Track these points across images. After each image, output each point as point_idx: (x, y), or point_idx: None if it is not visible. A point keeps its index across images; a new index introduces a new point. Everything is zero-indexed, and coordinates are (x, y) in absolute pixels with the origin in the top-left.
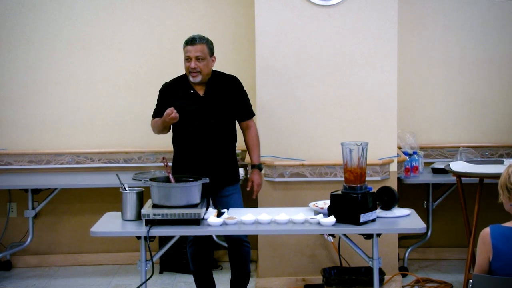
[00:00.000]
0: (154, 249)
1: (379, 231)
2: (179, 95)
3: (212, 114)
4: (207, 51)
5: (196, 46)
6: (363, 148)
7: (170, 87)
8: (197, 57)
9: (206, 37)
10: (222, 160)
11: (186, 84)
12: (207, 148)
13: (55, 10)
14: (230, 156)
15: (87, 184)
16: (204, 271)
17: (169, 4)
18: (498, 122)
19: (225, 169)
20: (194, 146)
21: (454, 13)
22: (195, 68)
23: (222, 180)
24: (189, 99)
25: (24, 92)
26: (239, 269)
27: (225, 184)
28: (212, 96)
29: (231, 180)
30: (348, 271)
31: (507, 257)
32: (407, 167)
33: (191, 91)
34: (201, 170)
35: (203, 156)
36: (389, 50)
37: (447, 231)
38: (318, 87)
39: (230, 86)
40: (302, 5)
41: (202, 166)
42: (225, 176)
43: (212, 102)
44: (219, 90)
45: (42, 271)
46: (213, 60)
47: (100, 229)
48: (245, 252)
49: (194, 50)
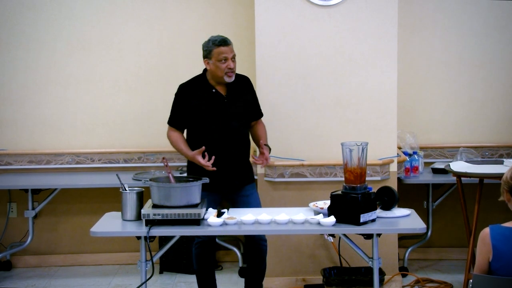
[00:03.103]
0: (154, 249)
1: (379, 231)
2: (200, 95)
3: (234, 114)
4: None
5: (230, 46)
6: (363, 148)
7: (188, 87)
8: (233, 57)
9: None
10: (241, 160)
11: (206, 84)
12: (229, 148)
13: (55, 10)
14: (247, 156)
15: (87, 184)
16: (208, 272)
17: (169, 4)
18: (498, 122)
19: (244, 168)
20: (215, 146)
21: (454, 13)
22: (232, 69)
23: (242, 180)
24: (211, 99)
25: (24, 92)
26: (256, 265)
27: (245, 184)
28: (234, 95)
29: (250, 179)
30: (348, 271)
31: (507, 257)
32: (407, 167)
33: (213, 90)
34: (221, 170)
35: (224, 156)
36: (389, 50)
37: (447, 231)
38: (318, 87)
39: (245, 86)
40: (302, 5)
41: (223, 166)
42: (245, 175)
43: (235, 102)
44: (238, 90)
45: (42, 271)
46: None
47: (100, 229)
48: (263, 250)
49: (229, 51)
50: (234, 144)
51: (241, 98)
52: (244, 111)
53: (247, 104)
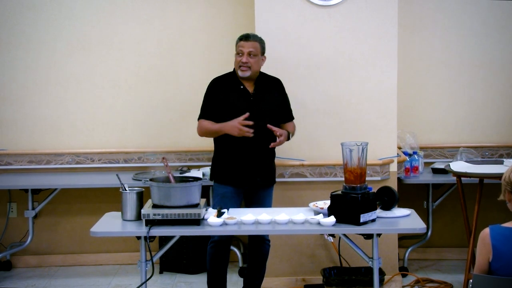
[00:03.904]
0: (154, 249)
1: (379, 231)
2: (229, 90)
3: (261, 112)
4: (259, 49)
5: (250, 42)
6: (363, 148)
7: (219, 81)
8: (250, 53)
9: (259, 37)
10: (265, 158)
11: (236, 80)
12: (253, 144)
13: (55, 10)
14: (272, 156)
15: (87, 184)
16: (220, 273)
17: (169, 4)
18: (498, 122)
19: (266, 168)
20: (240, 142)
21: (454, 13)
22: (246, 63)
23: (264, 179)
24: (238, 95)
25: (24, 92)
26: (257, 266)
27: (266, 184)
28: (261, 93)
29: (271, 180)
30: (348, 271)
31: (507, 257)
32: (407, 167)
33: (241, 86)
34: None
35: (248, 152)
36: (389, 50)
37: (447, 231)
38: (318, 87)
39: (276, 86)
40: (302, 5)
41: (246, 162)
42: (267, 175)
43: (261, 100)
44: (267, 89)
45: (42, 271)
46: (263, 60)
47: (100, 229)
48: (265, 250)
49: (247, 46)
50: (258, 141)
51: (269, 97)
52: (270, 110)
53: (275, 104)
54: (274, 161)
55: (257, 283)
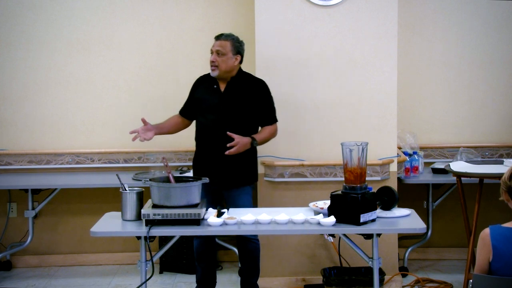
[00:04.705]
0: (154, 249)
1: (379, 231)
2: (204, 88)
3: (229, 110)
4: (230, 48)
5: (220, 41)
6: (363, 148)
7: (200, 80)
8: (217, 51)
9: (235, 36)
10: (234, 158)
11: (213, 79)
12: (220, 144)
13: (55, 10)
14: (244, 157)
15: (87, 184)
16: (207, 265)
17: (169, 5)
18: (498, 122)
19: (237, 168)
20: (208, 140)
21: (454, 13)
22: (213, 62)
23: (233, 178)
24: (210, 94)
25: (24, 92)
26: (247, 264)
27: (236, 183)
28: (232, 93)
29: (243, 180)
30: (348, 271)
31: (507, 257)
32: (407, 167)
33: (215, 86)
34: (212, 164)
35: (215, 151)
36: (389, 50)
37: (447, 231)
38: (318, 87)
39: (254, 88)
40: (302, 5)
41: (214, 160)
42: (237, 175)
43: (231, 99)
44: (242, 89)
45: (42, 271)
46: (237, 59)
47: (100, 229)
48: (252, 248)
49: (216, 45)
50: (225, 141)
51: (241, 97)
52: (242, 109)
53: (248, 105)
54: (250, 160)
55: (252, 281)
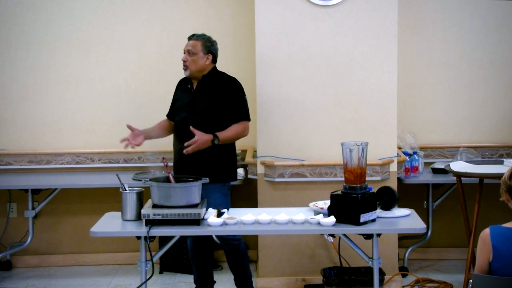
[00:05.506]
0: (154, 249)
1: (379, 231)
2: (181, 89)
3: (198, 108)
4: (200, 48)
5: (191, 41)
6: (363, 148)
7: (180, 82)
8: (188, 51)
9: (206, 36)
10: (202, 155)
11: (189, 80)
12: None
13: (55, 10)
14: (214, 154)
15: (87, 184)
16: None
17: (169, 5)
18: (498, 122)
19: (205, 165)
20: (179, 138)
21: (454, 13)
22: (184, 61)
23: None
24: (185, 93)
25: (24, 92)
26: (231, 264)
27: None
28: (202, 91)
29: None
30: (348, 271)
31: (507, 257)
32: (407, 167)
33: (189, 85)
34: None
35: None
36: (389, 50)
37: (447, 231)
38: (318, 87)
39: (225, 85)
40: (302, 5)
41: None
42: (204, 172)
43: (200, 97)
44: (212, 87)
45: (42, 271)
46: (208, 58)
47: (100, 229)
48: (230, 249)
49: (187, 45)
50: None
51: (211, 94)
52: (208, 107)
53: (216, 101)
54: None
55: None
